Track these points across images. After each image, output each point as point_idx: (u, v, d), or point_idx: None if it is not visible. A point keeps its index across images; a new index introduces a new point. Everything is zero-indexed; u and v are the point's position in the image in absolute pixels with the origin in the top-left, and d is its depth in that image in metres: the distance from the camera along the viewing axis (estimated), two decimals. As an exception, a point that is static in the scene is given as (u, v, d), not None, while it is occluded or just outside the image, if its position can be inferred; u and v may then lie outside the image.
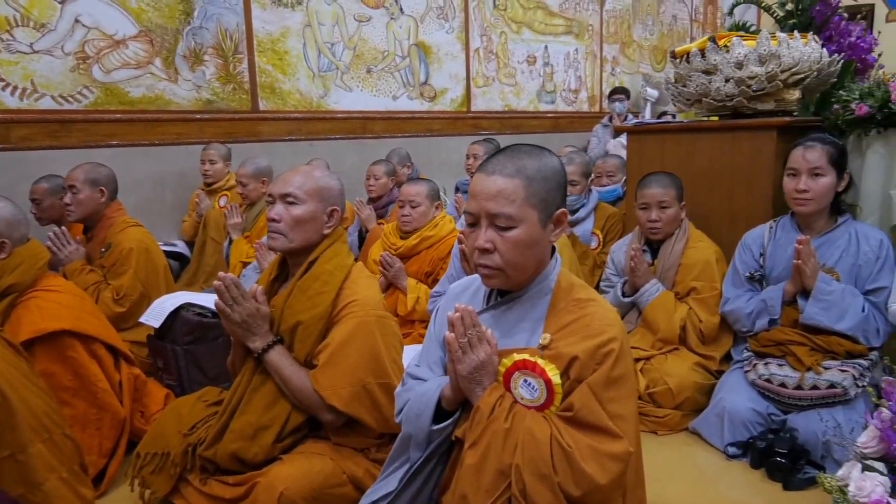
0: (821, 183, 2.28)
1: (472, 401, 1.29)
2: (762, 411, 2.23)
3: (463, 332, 1.25)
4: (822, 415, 2.09)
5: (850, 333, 2.23)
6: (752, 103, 2.64)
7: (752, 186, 2.69)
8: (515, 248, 1.26)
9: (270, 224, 1.76)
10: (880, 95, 2.40)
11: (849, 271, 2.31)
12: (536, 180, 1.27)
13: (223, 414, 1.70)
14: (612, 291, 2.79)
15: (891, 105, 2.36)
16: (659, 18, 7.14)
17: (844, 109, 2.53)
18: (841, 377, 2.13)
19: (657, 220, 2.64)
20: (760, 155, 2.65)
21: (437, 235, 2.93)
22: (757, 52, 2.56)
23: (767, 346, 2.34)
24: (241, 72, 4.16)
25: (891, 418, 1.58)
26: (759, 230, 2.56)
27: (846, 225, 2.37)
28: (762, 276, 2.50)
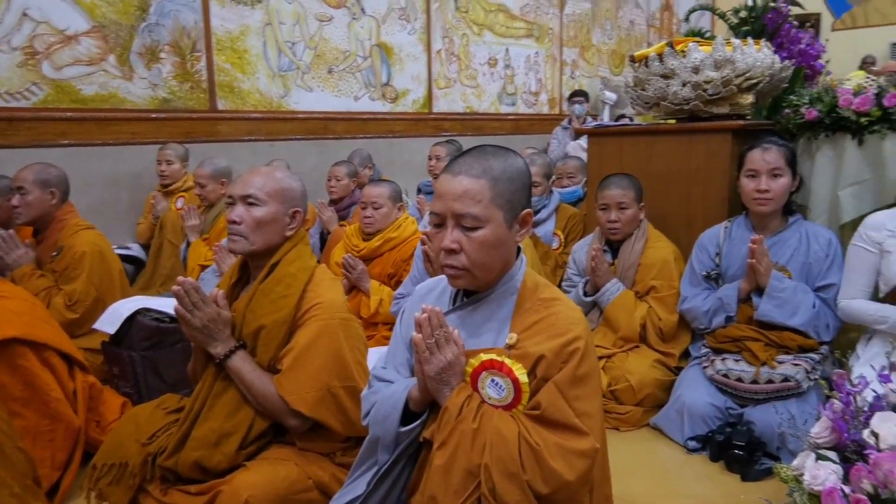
0: (780, 183, 2.36)
1: (439, 401, 1.29)
2: (720, 406, 2.29)
3: (430, 332, 1.25)
4: (777, 407, 2.16)
5: (802, 329, 2.31)
6: (708, 107, 2.71)
7: (707, 187, 2.76)
8: (482, 249, 1.27)
9: (231, 226, 1.72)
10: (828, 101, 2.49)
11: (800, 269, 2.39)
12: (502, 181, 1.27)
13: (184, 422, 1.65)
14: (573, 291, 2.83)
15: (838, 110, 2.45)
16: (617, 23, 7.27)
17: (795, 114, 2.61)
18: (794, 371, 2.20)
19: (616, 221, 2.68)
20: (716, 157, 2.72)
21: (400, 237, 2.92)
22: (713, 58, 2.62)
23: (724, 342, 2.41)
24: (198, 70, 4.08)
25: (842, 409, 1.64)
26: (714, 230, 2.62)
27: (797, 225, 2.45)
28: (718, 275, 2.57)
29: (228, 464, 1.60)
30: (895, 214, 2.15)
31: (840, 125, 2.48)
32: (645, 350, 2.61)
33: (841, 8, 7.82)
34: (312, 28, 4.62)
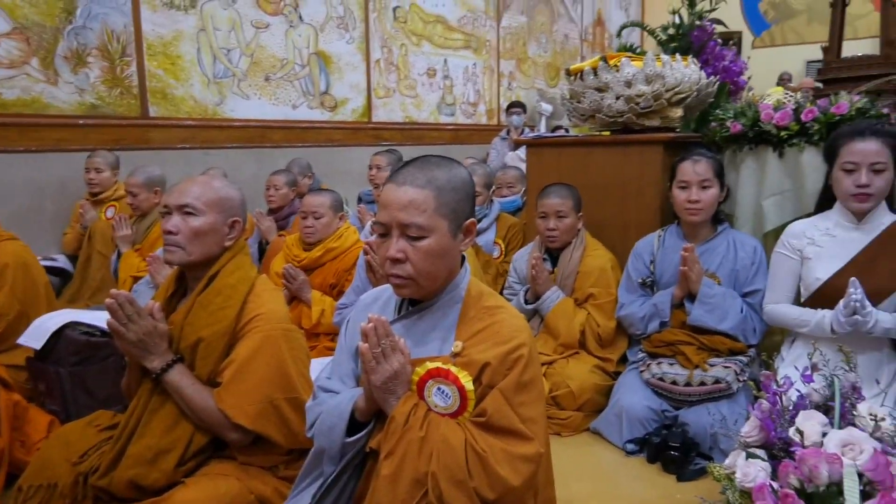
0: (709, 194, 2.47)
1: (386, 411, 1.29)
2: (656, 408, 2.37)
3: (376, 342, 1.25)
4: (709, 409, 2.25)
5: (731, 333, 2.41)
6: (641, 120, 2.81)
7: (641, 197, 2.86)
8: (427, 258, 1.28)
9: (167, 237, 1.67)
10: (751, 115, 2.63)
11: (728, 276, 2.50)
12: (447, 191, 1.29)
13: (119, 439, 1.59)
14: (514, 299, 2.87)
15: (760, 124, 2.59)
16: (552, 37, 7.46)
17: (721, 127, 2.74)
18: (724, 373, 2.30)
19: (555, 229, 2.74)
20: (649, 167, 2.82)
21: (342, 247, 2.90)
22: (644, 73, 2.73)
23: (659, 346, 2.49)
24: (129, 75, 3.95)
25: (769, 409, 1.72)
26: (648, 238, 2.72)
27: (725, 233, 2.57)
28: (653, 282, 2.66)
29: (166, 481, 1.55)
30: (814, 223, 2.28)
31: (762, 138, 2.61)
32: (584, 356, 2.68)
33: (760, 27, 8.27)
34: (249, 35, 4.55)
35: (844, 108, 2.42)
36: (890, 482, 1.28)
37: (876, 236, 2.13)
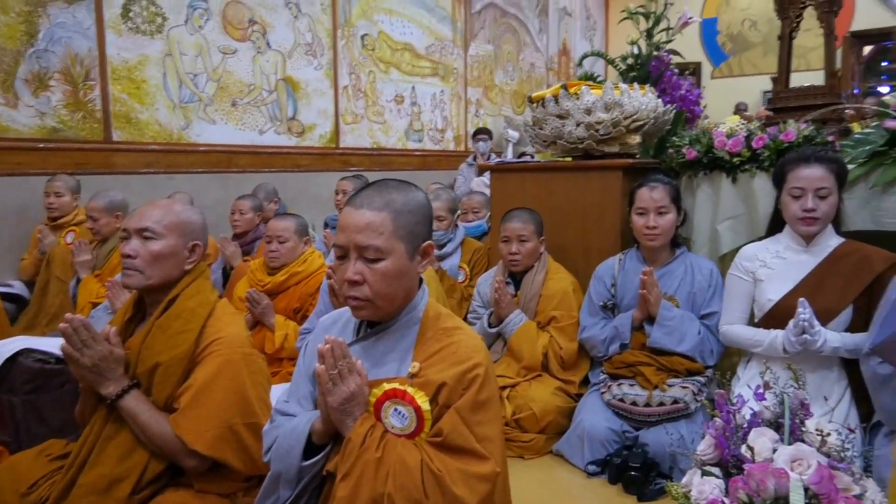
0: (666, 219, 2.53)
1: (343, 432, 1.29)
2: (617, 429, 2.39)
3: (333, 363, 1.26)
4: (668, 429, 2.28)
5: (689, 354, 2.46)
6: (601, 146, 2.88)
7: (602, 221, 2.92)
8: (384, 280, 1.29)
9: (125, 260, 1.66)
10: (706, 142, 2.72)
11: (686, 298, 2.56)
12: (404, 213, 1.31)
13: (70, 468, 1.55)
14: (478, 323, 2.89)
15: (714, 151, 2.68)
16: (518, 65, 7.61)
17: (677, 153, 2.83)
18: (683, 393, 2.34)
19: (517, 253, 2.78)
20: (609, 192, 2.88)
21: (306, 271, 2.89)
22: (603, 101, 2.81)
23: (620, 368, 2.53)
24: (92, 99, 3.92)
25: (723, 427, 1.76)
26: (609, 262, 2.77)
27: (683, 257, 2.63)
28: (614, 305, 2.71)
29: (120, 511, 1.52)
30: (766, 246, 2.36)
31: (716, 164, 2.70)
32: (547, 378, 2.70)
33: (719, 58, 8.55)
34: (216, 60, 4.56)
35: (792, 136, 2.52)
36: (834, 495, 1.32)
37: (823, 258, 2.21)
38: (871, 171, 2.35)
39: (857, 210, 2.37)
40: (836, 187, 2.19)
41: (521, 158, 5.07)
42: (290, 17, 5.01)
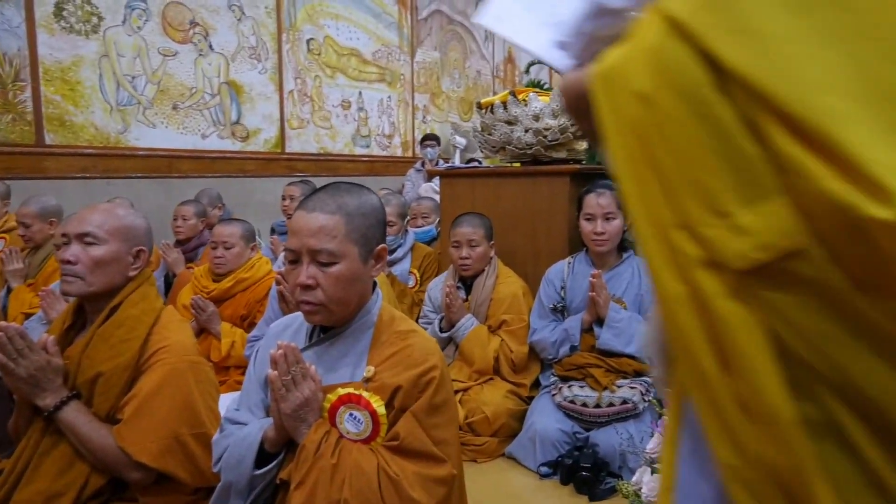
0: (613, 225, 2.59)
1: (297, 440, 1.26)
2: (568, 431, 2.43)
3: (286, 369, 1.23)
4: (617, 429, 2.33)
5: (637, 355, 2.52)
6: (549, 152, 2.93)
7: (551, 225, 2.96)
8: (337, 284, 1.28)
9: (65, 266, 1.59)
10: (649, 148, 2.79)
11: (633, 300, 2.62)
12: (357, 217, 1.30)
13: (4, 485, 1.47)
14: (430, 328, 2.89)
15: (657, 156, 2.75)
16: (465, 73, 7.66)
17: (622, 159, 2.89)
18: (631, 393, 2.40)
19: (468, 258, 2.80)
20: (557, 197, 2.93)
21: (253, 277, 2.83)
22: (550, 107, 2.86)
23: (570, 370, 2.57)
24: (22, 101, 3.74)
25: (671, 425, 1.81)
26: (559, 266, 2.81)
27: (630, 260, 2.70)
28: (564, 308, 2.75)
29: (58, 529, 1.45)
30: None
31: (659, 170, 2.78)
32: (498, 382, 2.72)
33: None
34: (155, 62, 4.42)
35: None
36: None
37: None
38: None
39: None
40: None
41: (470, 164, 5.10)
42: (234, 19, 4.91)
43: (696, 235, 0.56)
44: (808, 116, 0.50)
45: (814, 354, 0.55)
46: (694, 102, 0.55)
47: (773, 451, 0.56)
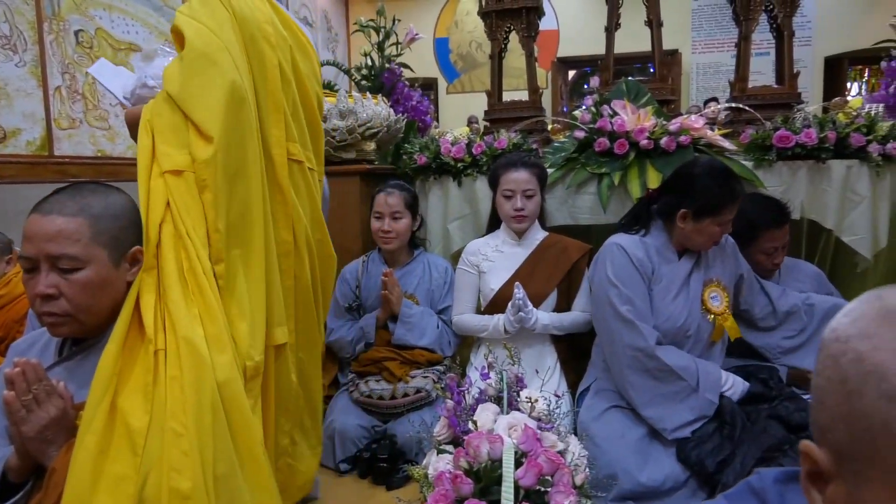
0: (400, 224, 2.67)
1: (45, 463, 1.15)
2: (366, 425, 2.47)
3: (26, 388, 1.11)
4: (412, 418, 2.42)
5: (430, 347, 2.64)
6: (338, 152, 2.95)
7: (344, 224, 2.99)
8: (84, 291, 1.18)
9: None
10: (433, 149, 2.94)
11: (425, 296, 2.74)
12: (104, 218, 1.22)
13: None
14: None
15: (441, 157, 2.91)
16: (261, 73, 7.43)
17: (410, 159, 3.01)
18: (424, 383, 2.50)
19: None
20: (349, 197, 2.97)
21: (10, 295, 2.52)
22: (338, 108, 2.88)
23: (367, 365, 2.61)
24: None
25: (454, 407, 1.92)
26: (354, 265, 2.85)
27: (420, 257, 2.81)
28: (359, 306, 2.79)
29: None
30: (486, 241, 2.62)
31: (443, 169, 2.93)
32: (296, 385, 2.68)
33: (452, 75, 9.27)
34: None
35: (504, 143, 2.84)
36: (537, 449, 1.53)
37: (532, 250, 2.53)
38: (566, 174, 2.75)
39: (558, 207, 2.75)
40: (539, 188, 2.52)
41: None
42: (-19, 4, 4.30)
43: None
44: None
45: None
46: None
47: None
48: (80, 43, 5.08)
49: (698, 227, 2.07)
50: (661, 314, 2.11)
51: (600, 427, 2.10)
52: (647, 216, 2.24)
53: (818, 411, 0.59)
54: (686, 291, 2.15)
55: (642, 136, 2.60)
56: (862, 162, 2.56)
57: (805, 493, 0.60)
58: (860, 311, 0.58)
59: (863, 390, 0.53)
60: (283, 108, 1.60)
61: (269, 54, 1.55)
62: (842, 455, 0.56)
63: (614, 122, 2.66)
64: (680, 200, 2.09)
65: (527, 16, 3.24)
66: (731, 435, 1.93)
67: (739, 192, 2.06)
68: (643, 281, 2.12)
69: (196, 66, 1.37)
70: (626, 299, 2.08)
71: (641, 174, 2.61)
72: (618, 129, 2.64)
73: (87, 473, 1.05)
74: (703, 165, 2.12)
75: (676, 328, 2.10)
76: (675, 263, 2.17)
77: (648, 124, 2.64)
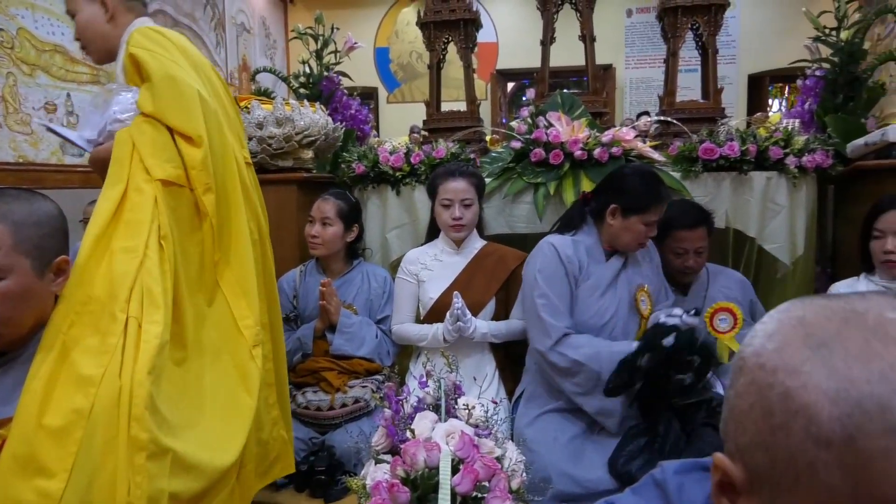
0: (329, 231, 2.64)
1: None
2: (304, 437, 2.43)
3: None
4: (350, 428, 2.39)
5: (368, 357, 2.62)
6: (275, 160, 2.91)
7: (281, 233, 2.93)
8: (5, 302, 1.13)
9: None
10: (372, 158, 2.93)
11: (364, 305, 2.72)
12: (27, 226, 1.17)
13: None
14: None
15: (379, 165, 2.91)
16: (195, 78, 7.26)
17: (348, 168, 3.00)
18: (363, 392, 2.48)
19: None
20: (286, 206, 2.92)
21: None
22: (274, 116, 2.84)
23: (304, 376, 2.58)
24: None
25: (392, 416, 1.92)
26: (290, 274, 2.81)
27: (359, 266, 2.79)
28: (297, 316, 2.75)
29: None
30: (425, 250, 2.63)
31: (382, 178, 2.93)
32: (231, 397, 2.62)
33: (392, 85, 9.28)
34: None
35: (442, 153, 2.87)
36: (474, 456, 1.54)
37: (471, 259, 2.56)
38: (503, 183, 2.80)
39: (495, 216, 2.80)
40: (477, 198, 2.55)
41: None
42: None
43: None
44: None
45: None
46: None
47: None
48: (0, 44, 4.84)
49: (626, 224, 2.17)
50: (588, 309, 2.19)
51: (533, 432, 2.15)
52: (580, 217, 2.32)
53: (736, 431, 0.58)
54: (614, 291, 2.23)
55: (576, 147, 2.68)
56: (780, 174, 2.70)
57: (715, 500, 0.61)
58: (784, 338, 0.56)
59: (790, 428, 0.52)
60: (233, 118, 1.81)
61: (211, 74, 1.74)
62: (759, 478, 0.55)
63: (549, 133, 2.72)
64: (610, 198, 2.19)
65: (464, 28, 3.29)
66: (662, 449, 1.99)
67: (665, 196, 2.17)
68: (566, 279, 2.21)
69: (164, 84, 1.51)
70: (541, 293, 2.18)
71: (576, 184, 2.68)
72: (553, 140, 2.71)
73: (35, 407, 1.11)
74: (634, 168, 2.26)
75: (602, 324, 2.19)
76: (603, 264, 2.26)
77: (582, 136, 2.71)
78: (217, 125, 1.61)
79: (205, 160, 1.49)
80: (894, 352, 0.50)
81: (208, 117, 1.55)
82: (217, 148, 1.58)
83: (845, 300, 0.56)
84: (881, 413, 0.48)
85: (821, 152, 2.69)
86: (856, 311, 0.54)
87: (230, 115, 1.79)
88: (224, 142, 1.62)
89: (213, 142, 1.54)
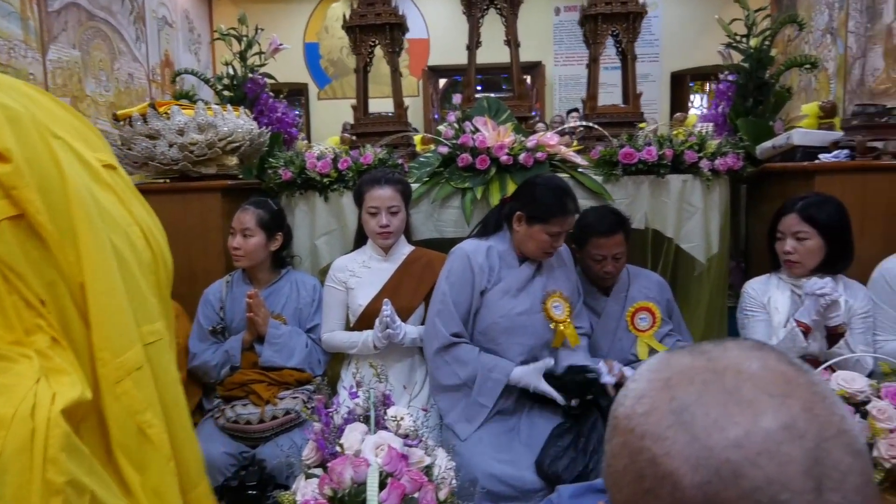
0: (250, 242, 2.58)
1: None
2: (233, 452, 2.38)
3: None
4: (281, 441, 2.37)
5: (299, 367, 2.59)
6: (197, 167, 2.83)
7: (205, 243, 2.87)
8: None
9: None
10: (298, 163, 2.90)
11: (293, 315, 2.68)
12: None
13: None
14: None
15: (306, 171, 2.87)
16: (114, 75, 6.95)
17: (274, 174, 2.95)
18: (293, 403, 2.45)
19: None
20: (209, 214, 2.85)
21: None
22: (196, 121, 2.76)
23: (232, 389, 2.52)
24: None
25: (321, 429, 1.91)
26: (217, 285, 2.74)
27: (288, 275, 2.75)
28: (224, 328, 2.69)
29: None
30: (354, 257, 2.62)
31: (309, 184, 2.90)
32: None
33: (323, 81, 9.14)
34: None
35: (370, 159, 2.86)
36: (402, 470, 1.56)
37: (399, 265, 2.57)
38: (431, 188, 2.81)
39: (424, 221, 2.81)
40: (404, 204, 2.56)
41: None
42: None
43: None
44: None
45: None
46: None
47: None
48: None
49: (529, 232, 2.25)
50: (499, 309, 2.28)
51: (458, 433, 2.19)
52: (496, 222, 2.38)
53: (613, 488, 0.61)
54: (526, 293, 2.32)
55: (502, 151, 2.72)
56: (695, 176, 2.83)
57: None
58: (651, 402, 0.58)
59: (658, 494, 0.55)
60: (67, 119, 1.56)
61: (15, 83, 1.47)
62: None
63: (476, 138, 2.76)
64: (519, 205, 2.29)
65: (391, 31, 3.28)
66: (586, 448, 2.06)
67: (572, 209, 2.23)
68: (471, 290, 2.31)
69: None
70: (442, 299, 2.30)
71: (502, 188, 2.73)
72: (479, 145, 2.75)
73: None
74: (545, 178, 2.34)
75: (510, 326, 2.28)
76: (516, 269, 2.35)
77: (508, 140, 2.76)
78: (37, 136, 1.31)
79: (14, 171, 1.21)
80: (749, 417, 0.54)
81: (20, 131, 1.28)
82: (42, 161, 1.29)
83: (707, 357, 0.60)
84: (735, 479, 0.52)
85: (732, 155, 2.83)
86: (716, 372, 0.58)
87: (59, 116, 1.53)
88: (52, 153, 1.33)
89: (33, 158, 1.27)
